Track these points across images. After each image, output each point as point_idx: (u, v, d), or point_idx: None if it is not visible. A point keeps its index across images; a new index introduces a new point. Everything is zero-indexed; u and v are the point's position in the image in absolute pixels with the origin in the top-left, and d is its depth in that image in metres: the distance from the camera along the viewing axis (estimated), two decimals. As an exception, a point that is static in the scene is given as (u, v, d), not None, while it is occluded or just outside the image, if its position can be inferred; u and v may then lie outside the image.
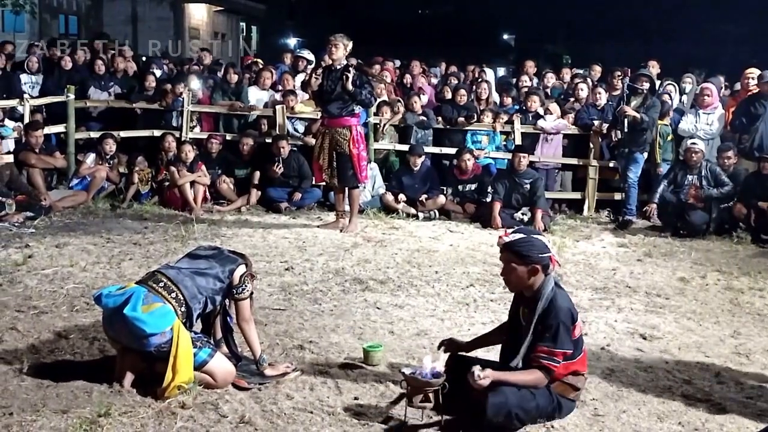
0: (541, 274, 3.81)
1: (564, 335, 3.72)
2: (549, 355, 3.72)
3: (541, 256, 3.79)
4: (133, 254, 6.98)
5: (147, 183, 9.69)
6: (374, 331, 5.20)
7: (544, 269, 3.81)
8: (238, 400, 3.97)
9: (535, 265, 3.79)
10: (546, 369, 3.73)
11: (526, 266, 3.79)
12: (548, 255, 3.82)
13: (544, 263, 3.80)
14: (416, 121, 10.36)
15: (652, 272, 7.13)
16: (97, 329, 4.81)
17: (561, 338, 3.72)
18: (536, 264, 3.78)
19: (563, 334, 3.72)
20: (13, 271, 6.25)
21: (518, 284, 3.88)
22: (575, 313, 3.83)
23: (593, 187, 10.15)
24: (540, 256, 3.79)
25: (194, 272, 4.17)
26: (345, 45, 8.08)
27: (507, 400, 3.63)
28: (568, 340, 3.74)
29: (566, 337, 3.73)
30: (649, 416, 4.01)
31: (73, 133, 9.91)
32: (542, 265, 3.80)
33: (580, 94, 10.68)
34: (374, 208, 9.53)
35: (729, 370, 4.73)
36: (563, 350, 3.73)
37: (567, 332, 3.74)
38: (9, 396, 3.90)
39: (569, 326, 3.75)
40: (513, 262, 3.83)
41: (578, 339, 3.85)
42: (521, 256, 3.80)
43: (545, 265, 3.81)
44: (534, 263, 3.78)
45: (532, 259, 3.78)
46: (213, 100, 10.79)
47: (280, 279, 6.36)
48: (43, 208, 8.46)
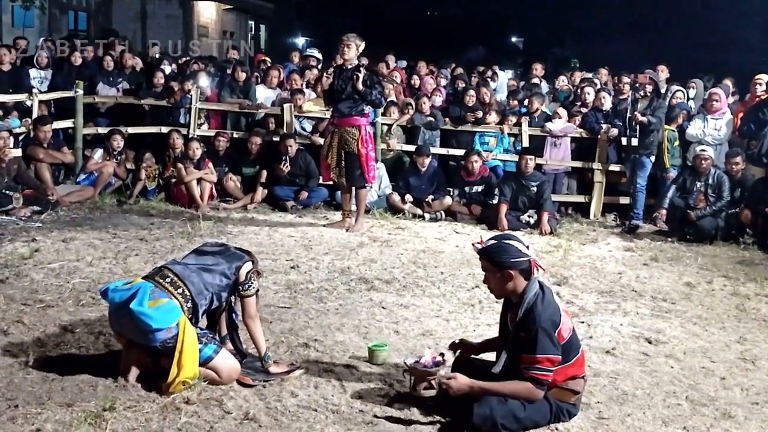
0: (520, 278, 3.77)
1: (545, 341, 3.66)
2: (533, 364, 3.66)
3: (515, 261, 3.75)
4: (139, 250, 6.99)
5: (154, 179, 9.71)
6: (379, 330, 5.20)
7: (523, 274, 3.77)
8: (242, 396, 3.98)
9: (509, 270, 3.75)
10: (537, 380, 3.68)
11: (501, 272, 3.77)
12: (525, 259, 3.77)
13: (521, 267, 3.76)
14: (424, 122, 10.36)
15: (658, 277, 7.11)
16: (102, 324, 4.82)
17: (542, 344, 3.65)
18: (510, 269, 3.75)
19: (544, 341, 3.66)
20: (19, 264, 6.26)
21: (498, 290, 3.87)
22: (558, 317, 3.74)
23: (600, 191, 10.13)
24: (513, 261, 3.75)
25: (201, 268, 4.18)
26: (357, 45, 8.09)
27: (492, 412, 3.62)
28: (551, 345, 3.67)
29: (548, 342, 3.66)
30: (654, 420, 4.00)
31: (81, 129, 9.94)
32: (519, 269, 3.75)
33: (587, 98, 10.67)
34: (380, 208, 9.53)
35: (735, 375, 4.71)
36: (547, 356, 3.66)
37: (548, 338, 3.67)
38: (14, 388, 3.91)
39: (550, 332, 3.68)
40: (488, 270, 3.83)
41: (569, 342, 3.78)
42: (494, 263, 3.79)
43: (523, 269, 3.76)
44: (507, 268, 3.75)
45: (505, 265, 3.75)
46: (221, 98, 10.80)
47: (286, 277, 6.36)
48: (50, 203, 8.48)
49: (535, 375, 3.68)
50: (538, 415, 3.73)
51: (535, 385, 3.69)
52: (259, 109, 10.49)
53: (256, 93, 10.73)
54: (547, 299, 3.78)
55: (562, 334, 3.73)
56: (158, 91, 10.52)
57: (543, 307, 3.72)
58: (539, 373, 3.67)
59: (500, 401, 3.66)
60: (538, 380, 3.69)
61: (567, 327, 3.78)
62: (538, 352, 3.66)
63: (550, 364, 3.68)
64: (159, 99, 10.40)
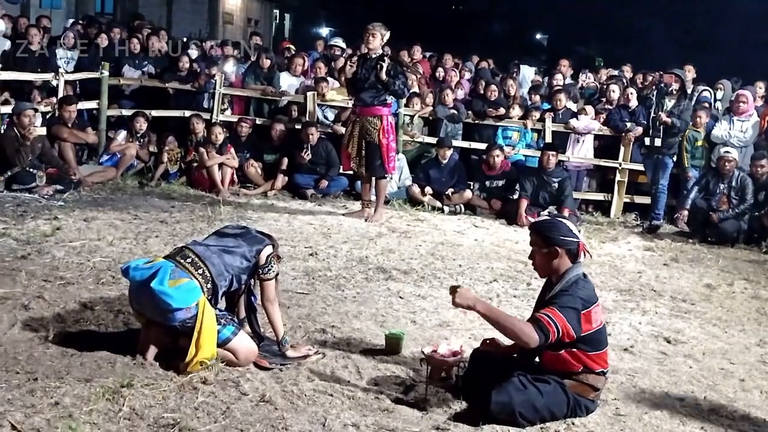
0: (565, 258, 3.78)
1: (570, 308, 3.63)
2: (549, 314, 3.63)
3: (563, 239, 3.77)
4: (159, 232, 7.03)
5: (176, 163, 9.76)
6: (396, 319, 5.19)
7: (569, 255, 3.78)
8: (259, 379, 3.98)
9: (557, 248, 3.76)
10: (539, 324, 3.59)
11: (548, 248, 3.79)
12: (574, 240, 3.78)
13: (568, 248, 3.77)
14: (447, 115, 10.32)
15: (678, 277, 7.06)
16: (122, 302, 4.85)
17: (566, 307, 3.63)
18: (558, 246, 3.76)
19: (569, 306, 3.63)
20: (41, 241, 6.31)
21: (542, 267, 3.87)
22: (592, 301, 3.74)
23: (622, 190, 10.06)
24: (562, 238, 3.77)
25: (222, 250, 4.18)
26: (382, 35, 8.06)
27: (511, 399, 3.61)
28: (574, 317, 3.63)
29: (572, 312, 3.64)
30: (671, 419, 3.97)
31: (105, 110, 10.01)
32: (566, 249, 3.77)
33: (612, 95, 10.58)
34: (400, 199, 9.53)
35: (754, 378, 4.67)
36: (565, 319, 3.61)
37: (574, 310, 3.64)
38: (34, 362, 3.94)
39: (578, 307, 3.66)
40: (537, 244, 3.85)
41: (598, 332, 3.75)
42: (544, 237, 3.81)
43: (569, 249, 3.78)
44: (555, 245, 3.77)
45: (553, 241, 3.77)
46: (245, 84, 10.82)
47: (304, 264, 6.37)
48: (73, 182, 8.55)
49: (541, 318, 3.63)
50: (555, 406, 3.71)
51: (535, 328, 3.59)
52: (282, 96, 10.50)
53: (280, 80, 10.74)
54: (588, 284, 3.80)
55: (591, 318, 3.71)
56: (183, 75, 10.55)
57: (580, 287, 3.73)
58: (547, 319, 3.62)
59: (518, 390, 3.64)
60: (541, 325, 3.61)
61: (597, 317, 3.76)
62: (560, 310, 3.64)
63: (564, 328, 3.61)
64: (183, 83, 10.44)
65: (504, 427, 3.64)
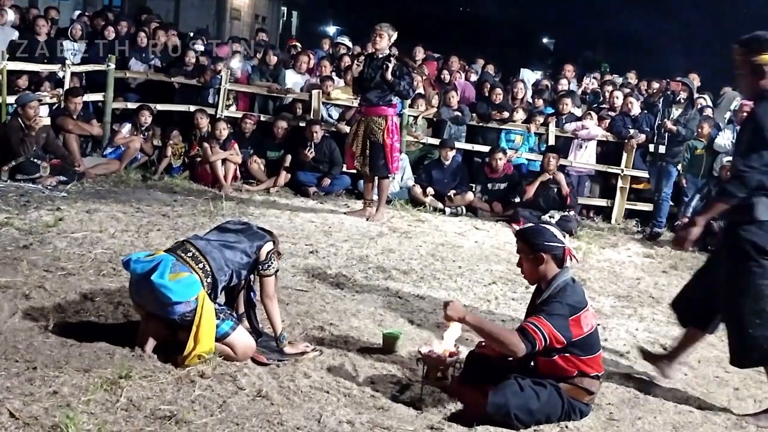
0: (552, 264, 3.81)
1: (558, 315, 3.66)
2: (535, 323, 3.66)
3: (548, 245, 3.80)
4: (161, 225, 7.06)
5: (179, 157, 9.79)
6: (394, 319, 5.22)
7: (555, 260, 3.81)
8: (256, 374, 4.01)
9: (542, 253, 3.79)
10: (525, 333, 3.62)
11: (534, 253, 3.82)
12: (559, 245, 3.81)
13: (554, 253, 3.80)
14: (451, 116, 10.35)
15: (677, 284, 7.04)
16: (122, 294, 4.88)
17: (553, 314, 3.66)
18: (543, 252, 3.79)
19: (556, 313, 3.66)
20: (43, 232, 6.34)
21: (529, 273, 3.90)
22: (582, 306, 3.75)
23: (623, 196, 10.08)
24: (547, 244, 3.80)
25: (222, 245, 4.22)
26: (390, 35, 8.08)
27: (507, 401, 3.64)
28: (563, 324, 3.66)
29: (559, 318, 3.66)
30: (665, 425, 3.99)
31: (110, 103, 10.03)
32: (551, 254, 3.80)
33: (615, 102, 10.60)
34: (402, 199, 9.55)
35: (748, 387, 4.69)
36: (552, 326, 3.63)
37: (562, 317, 3.67)
38: (34, 351, 3.97)
39: (566, 314, 3.68)
40: (523, 251, 3.89)
41: (589, 337, 3.77)
42: (529, 244, 3.85)
43: (555, 255, 3.81)
44: (540, 251, 3.80)
45: (539, 247, 3.81)
46: (250, 81, 10.85)
47: (305, 261, 6.40)
48: (77, 174, 8.57)
49: (527, 327, 3.66)
50: (550, 408, 3.74)
51: (522, 337, 3.63)
52: (287, 93, 10.53)
53: (285, 77, 10.77)
54: (577, 289, 3.82)
55: (581, 323, 3.73)
56: (189, 70, 10.59)
57: (569, 293, 3.75)
58: (533, 328, 3.64)
59: (515, 392, 3.67)
60: (527, 334, 3.64)
61: (588, 322, 3.78)
62: (548, 318, 3.66)
63: (551, 335, 3.64)
64: (189, 78, 10.47)
65: (498, 428, 3.66)
